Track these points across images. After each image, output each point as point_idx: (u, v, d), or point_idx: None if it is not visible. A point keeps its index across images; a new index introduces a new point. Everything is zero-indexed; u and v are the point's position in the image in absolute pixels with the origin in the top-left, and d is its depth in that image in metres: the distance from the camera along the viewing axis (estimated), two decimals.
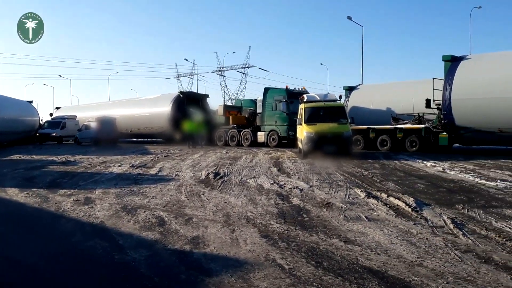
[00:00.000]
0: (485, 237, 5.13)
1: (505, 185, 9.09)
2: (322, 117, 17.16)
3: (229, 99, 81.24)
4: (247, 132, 26.18)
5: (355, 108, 24.44)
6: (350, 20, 38.75)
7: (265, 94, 25.26)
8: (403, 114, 21.59)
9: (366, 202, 7.40)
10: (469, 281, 3.72)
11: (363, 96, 25.25)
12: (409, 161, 14.90)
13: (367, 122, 21.79)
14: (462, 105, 18.12)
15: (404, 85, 24.60)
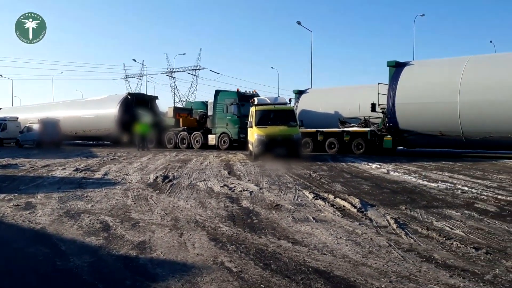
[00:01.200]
0: (426, 236, 5.33)
1: (445, 186, 9.51)
2: (273, 120, 17.35)
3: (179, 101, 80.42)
4: (198, 134, 26.00)
5: (305, 112, 24.89)
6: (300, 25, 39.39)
7: (216, 97, 25.19)
8: (350, 118, 22.22)
9: (314, 204, 7.52)
10: (411, 280, 3.85)
11: (312, 100, 25.75)
12: (356, 163, 15.32)
13: (316, 125, 22.24)
14: (406, 109, 18.87)
15: (351, 90, 25.31)
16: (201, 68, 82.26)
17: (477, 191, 8.70)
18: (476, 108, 16.94)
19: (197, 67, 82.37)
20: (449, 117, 17.58)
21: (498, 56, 20.76)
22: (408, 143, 20.39)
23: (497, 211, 6.83)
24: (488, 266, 4.19)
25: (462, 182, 10.14)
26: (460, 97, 17.23)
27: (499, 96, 16.42)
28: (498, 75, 17.07)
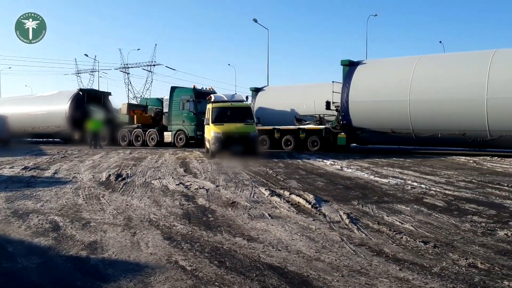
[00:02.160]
0: (377, 231, 5.49)
1: (396, 181, 9.83)
2: (229, 117, 17.32)
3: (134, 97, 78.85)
4: (153, 132, 25.58)
5: (261, 109, 25.03)
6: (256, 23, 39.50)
7: (171, 93, 24.85)
8: (306, 115, 22.56)
9: (270, 200, 7.57)
10: (362, 273, 3.94)
11: (269, 98, 25.94)
12: (311, 160, 15.55)
13: (272, 122, 22.40)
14: (359, 107, 19.34)
15: (307, 88, 25.67)
16: (156, 64, 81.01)
17: (426, 186, 9.03)
18: (425, 106, 17.59)
19: (152, 63, 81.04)
20: (400, 115, 18.17)
21: (447, 56, 21.66)
22: (361, 140, 20.93)
23: (444, 205, 7.11)
24: (436, 259, 4.35)
25: (412, 177, 10.51)
26: (411, 96, 17.85)
27: (448, 95, 17.11)
28: (446, 74, 17.78)
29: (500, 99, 15.89)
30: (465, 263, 4.17)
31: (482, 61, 16.81)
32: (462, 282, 3.69)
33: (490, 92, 16.03)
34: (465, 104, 16.67)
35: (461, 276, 3.83)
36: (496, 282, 3.69)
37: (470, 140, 17.13)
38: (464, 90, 16.77)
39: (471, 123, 16.58)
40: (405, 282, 3.71)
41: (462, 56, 19.06)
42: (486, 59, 16.71)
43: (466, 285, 3.63)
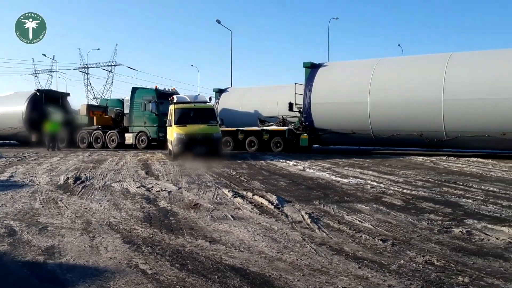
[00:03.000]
0: (338, 230, 5.58)
1: (356, 181, 10.02)
2: (192, 118, 17.20)
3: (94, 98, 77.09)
4: (113, 133, 25.06)
5: (225, 110, 25.01)
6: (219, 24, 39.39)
7: (133, 94, 24.43)
8: (269, 117, 22.70)
9: (233, 202, 7.56)
10: (322, 272, 4.00)
11: (233, 99, 25.94)
12: (274, 161, 15.65)
13: (236, 123, 22.43)
14: (320, 108, 19.64)
15: (270, 89, 25.84)
16: (117, 64, 79.53)
17: (385, 186, 9.26)
18: (384, 108, 18.04)
19: (112, 63, 79.49)
20: (360, 117, 18.57)
21: (405, 58, 22.30)
22: (323, 141, 21.25)
23: (402, 204, 7.31)
24: (394, 256, 4.47)
25: (371, 177, 10.75)
26: (370, 98, 18.27)
27: (405, 97, 17.61)
28: (404, 76, 18.30)
29: (455, 100, 16.49)
30: (422, 260, 4.30)
31: (439, 64, 17.40)
32: (419, 279, 3.80)
33: (446, 94, 16.61)
34: (423, 106, 17.20)
35: (418, 273, 3.95)
36: (451, 278, 3.82)
37: (427, 141, 17.69)
38: (421, 92, 17.29)
39: (428, 124, 17.13)
40: (364, 280, 3.79)
41: (420, 59, 19.66)
42: (443, 62, 17.31)
43: (422, 281, 3.74)
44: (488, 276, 3.85)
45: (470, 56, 18.08)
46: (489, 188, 8.90)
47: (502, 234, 5.25)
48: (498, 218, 6.18)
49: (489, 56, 17.46)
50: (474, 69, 16.81)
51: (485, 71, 16.46)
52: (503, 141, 16.15)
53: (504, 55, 16.92)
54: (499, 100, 15.65)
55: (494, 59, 16.94)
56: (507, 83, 15.59)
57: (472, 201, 7.47)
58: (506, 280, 3.73)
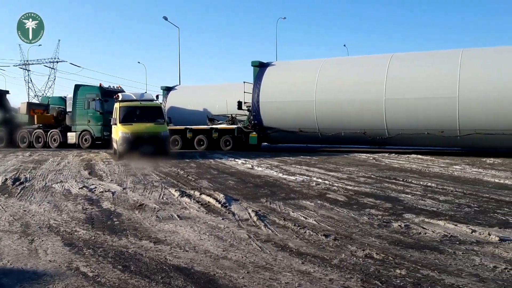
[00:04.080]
0: (283, 226, 5.66)
1: (302, 179, 10.21)
2: (139, 117, 16.86)
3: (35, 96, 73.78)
4: (56, 132, 24.10)
5: (173, 108, 24.69)
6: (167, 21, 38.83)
7: (76, 92, 23.58)
8: (219, 115, 22.63)
9: (180, 201, 7.49)
10: (266, 269, 4.05)
11: (181, 97, 25.64)
12: (223, 159, 15.64)
13: (184, 122, 22.20)
14: (269, 107, 19.82)
15: (219, 88, 25.76)
16: (59, 61, 76.43)
17: (330, 182, 9.50)
18: (329, 107, 18.47)
19: (55, 60, 76.39)
20: (307, 115, 18.92)
21: (350, 59, 22.95)
22: (272, 139, 21.47)
23: (345, 200, 7.53)
24: (336, 251, 4.59)
25: (317, 174, 10.99)
26: (316, 97, 18.64)
27: (350, 96, 18.11)
28: (349, 76, 18.82)
29: (396, 100, 17.16)
30: (362, 254, 4.45)
31: (381, 64, 18.03)
32: (359, 272, 3.93)
33: (388, 93, 17.24)
34: (366, 105, 17.76)
35: (358, 267, 4.08)
36: (389, 271, 3.98)
37: (371, 138, 18.29)
38: (364, 92, 17.84)
39: (371, 122, 17.71)
40: (306, 275, 3.87)
41: (364, 59, 20.31)
42: (384, 62, 17.96)
43: (362, 275, 3.87)
44: (424, 268, 4.04)
45: (410, 56, 18.85)
46: (427, 183, 9.34)
47: (438, 228, 5.52)
48: (435, 212, 6.50)
49: (428, 57, 18.28)
50: (414, 69, 17.55)
51: (424, 71, 17.21)
52: (441, 139, 16.99)
53: (443, 56, 17.78)
54: (437, 99, 16.43)
55: (433, 60, 17.73)
56: (445, 83, 16.39)
57: (411, 196, 7.81)
58: (440, 272, 3.93)
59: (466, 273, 3.88)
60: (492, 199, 7.52)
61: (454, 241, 4.94)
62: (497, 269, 3.96)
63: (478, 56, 16.85)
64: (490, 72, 15.99)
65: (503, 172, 11.17)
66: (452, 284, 3.63)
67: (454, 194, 8.00)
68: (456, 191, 8.30)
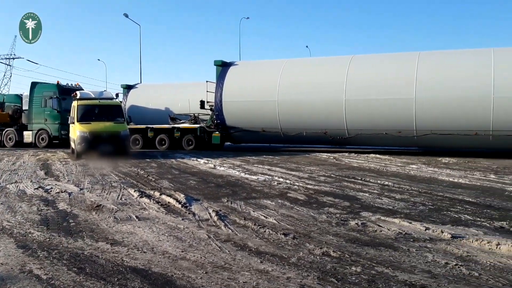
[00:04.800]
0: (243, 226, 5.68)
1: (264, 178, 10.27)
2: (97, 115, 16.50)
3: None
4: (11, 131, 23.30)
5: (134, 107, 24.28)
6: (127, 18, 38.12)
7: (32, 89, 22.85)
8: (181, 114, 22.41)
9: (139, 202, 7.38)
10: (225, 269, 4.05)
11: (142, 95, 25.22)
12: (185, 159, 15.52)
13: (146, 121, 21.90)
14: (232, 107, 19.81)
15: (182, 87, 25.49)
16: (16, 57, 73.67)
17: (291, 182, 9.60)
18: (291, 107, 18.64)
19: (11, 56, 73.56)
20: (270, 115, 19.04)
21: (312, 60, 23.25)
22: (235, 139, 21.47)
23: (305, 199, 7.64)
24: (294, 249, 4.65)
25: (279, 174, 11.08)
26: (279, 97, 18.79)
27: (311, 96, 18.34)
28: (310, 77, 19.04)
29: (355, 100, 17.51)
30: (320, 252, 4.53)
31: (342, 66, 18.36)
32: (316, 270, 3.99)
33: (348, 94, 17.58)
34: (327, 105, 18.05)
35: (315, 265, 4.15)
36: (345, 268, 4.07)
37: (331, 138, 18.60)
38: (325, 92, 18.12)
39: (332, 122, 18.01)
40: (264, 273, 3.91)
41: (325, 60, 20.62)
42: (345, 63, 18.31)
43: (319, 272, 3.94)
44: (379, 265, 4.15)
45: (369, 58, 19.29)
46: (384, 182, 9.59)
47: (393, 225, 5.68)
48: (391, 210, 6.68)
49: (387, 58, 18.76)
50: (373, 70, 17.97)
51: (383, 72, 17.66)
52: (399, 139, 17.49)
53: (400, 58, 18.31)
54: (395, 100, 16.88)
55: (391, 62, 18.23)
56: (403, 85, 16.87)
57: (368, 195, 8.01)
58: (394, 268, 4.05)
59: (419, 270, 4.01)
60: (446, 197, 7.80)
61: (409, 238, 5.09)
62: (448, 265, 4.11)
63: (434, 59, 17.44)
64: (445, 74, 16.57)
65: (457, 171, 11.61)
66: (405, 280, 3.74)
67: (409, 193, 8.25)
68: (411, 190, 8.57)
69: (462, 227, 5.61)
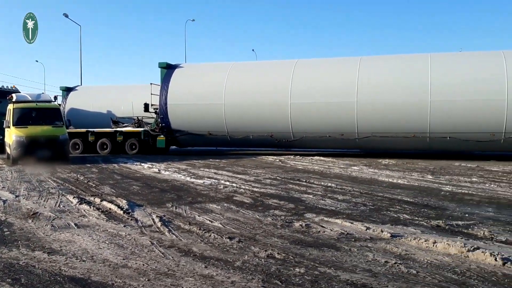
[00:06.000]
0: (188, 231, 5.60)
1: (210, 182, 10.20)
2: (34, 119, 15.78)
3: None
4: None
5: (74, 110, 23.46)
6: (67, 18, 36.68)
7: None
8: (124, 118, 21.87)
9: (78, 209, 7.11)
10: (168, 275, 3.97)
11: (83, 98, 24.41)
12: (128, 163, 15.14)
13: (86, 125, 21.19)
14: (177, 110, 19.55)
15: (125, 89, 24.86)
16: None
17: (237, 185, 9.61)
18: (238, 110, 18.68)
19: None
20: (216, 118, 18.97)
21: (258, 63, 23.46)
22: (180, 143, 21.18)
23: (251, 202, 7.66)
24: (239, 253, 4.64)
25: (225, 177, 11.06)
26: (225, 100, 18.77)
27: (258, 99, 18.46)
28: (257, 80, 19.17)
29: (300, 104, 17.82)
30: (264, 255, 4.55)
31: (286, 70, 18.63)
32: (260, 273, 4.00)
33: (293, 97, 17.87)
34: (273, 109, 18.24)
35: (260, 267, 4.16)
36: (289, 270, 4.10)
37: (277, 141, 18.80)
38: (271, 96, 18.31)
39: (277, 125, 18.22)
40: (209, 278, 3.87)
41: (270, 64, 20.84)
42: (290, 67, 18.60)
43: (263, 275, 3.95)
44: (322, 265, 4.22)
45: (313, 62, 19.68)
46: (328, 184, 9.81)
47: (336, 226, 5.82)
48: (334, 211, 6.84)
49: (330, 63, 19.25)
50: (317, 74, 18.37)
51: (326, 76, 18.10)
52: (342, 141, 17.97)
53: (343, 63, 18.83)
54: (338, 104, 17.34)
55: (334, 66, 18.71)
56: (345, 89, 17.36)
57: (312, 196, 8.16)
58: (337, 268, 4.13)
59: (360, 269, 4.12)
60: (385, 197, 8.10)
61: (350, 238, 5.23)
62: (388, 264, 4.25)
63: (374, 64, 18.09)
64: (385, 78, 17.24)
65: (396, 172, 12.09)
66: (347, 280, 3.83)
67: (351, 194, 8.49)
68: (353, 191, 8.82)
69: (401, 226, 5.83)
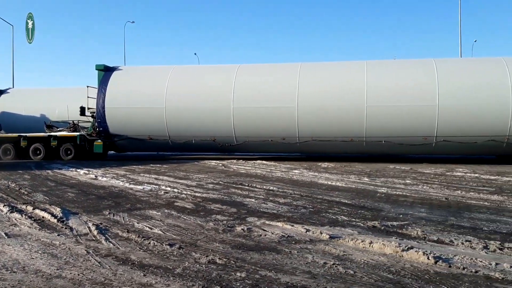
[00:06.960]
0: (126, 239, 5.44)
1: (150, 188, 9.99)
2: None
3: None
4: None
5: (5, 114, 22.37)
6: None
7: None
8: (59, 121, 21.01)
9: (9, 217, 6.71)
10: (105, 285, 3.83)
11: (15, 101, 23.32)
12: (63, 170, 14.51)
13: (18, 129, 20.20)
14: (115, 113, 19.00)
15: (60, 92, 23.97)
16: None
17: (178, 190, 9.47)
18: (180, 114, 18.43)
19: None
20: (157, 122, 18.64)
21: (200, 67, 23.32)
22: (120, 147, 20.58)
23: (193, 207, 7.57)
24: (180, 260, 4.56)
25: (166, 183, 10.86)
26: (166, 104, 18.48)
27: (199, 104, 18.32)
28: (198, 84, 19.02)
29: (242, 108, 17.91)
30: (206, 260, 4.50)
31: (229, 74, 18.69)
32: (201, 279, 3.95)
33: (235, 102, 17.92)
34: (215, 113, 18.20)
35: (201, 274, 4.11)
36: (230, 274, 4.09)
37: (220, 145, 18.78)
38: (214, 100, 18.27)
39: (220, 130, 18.20)
40: (148, 287, 3.77)
41: (213, 68, 20.77)
42: (232, 72, 18.67)
43: (204, 281, 3.91)
44: (263, 269, 4.24)
45: (255, 67, 19.88)
46: (269, 187, 9.91)
47: (277, 229, 5.88)
48: (275, 214, 6.91)
49: (272, 68, 19.50)
50: (259, 79, 18.57)
51: (268, 81, 18.33)
52: (283, 145, 18.26)
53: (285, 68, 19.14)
54: (279, 109, 17.61)
55: (276, 71, 18.98)
56: (286, 94, 17.66)
57: (254, 200, 8.20)
58: (277, 271, 4.17)
59: (300, 271, 4.19)
60: (325, 200, 8.30)
61: (291, 241, 5.30)
62: (326, 265, 4.35)
63: (313, 70, 18.56)
64: (323, 84, 17.72)
65: (335, 175, 12.43)
66: (287, 282, 3.87)
67: (292, 197, 8.63)
68: (294, 194, 8.97)
69: (339, 227, 6.00)
